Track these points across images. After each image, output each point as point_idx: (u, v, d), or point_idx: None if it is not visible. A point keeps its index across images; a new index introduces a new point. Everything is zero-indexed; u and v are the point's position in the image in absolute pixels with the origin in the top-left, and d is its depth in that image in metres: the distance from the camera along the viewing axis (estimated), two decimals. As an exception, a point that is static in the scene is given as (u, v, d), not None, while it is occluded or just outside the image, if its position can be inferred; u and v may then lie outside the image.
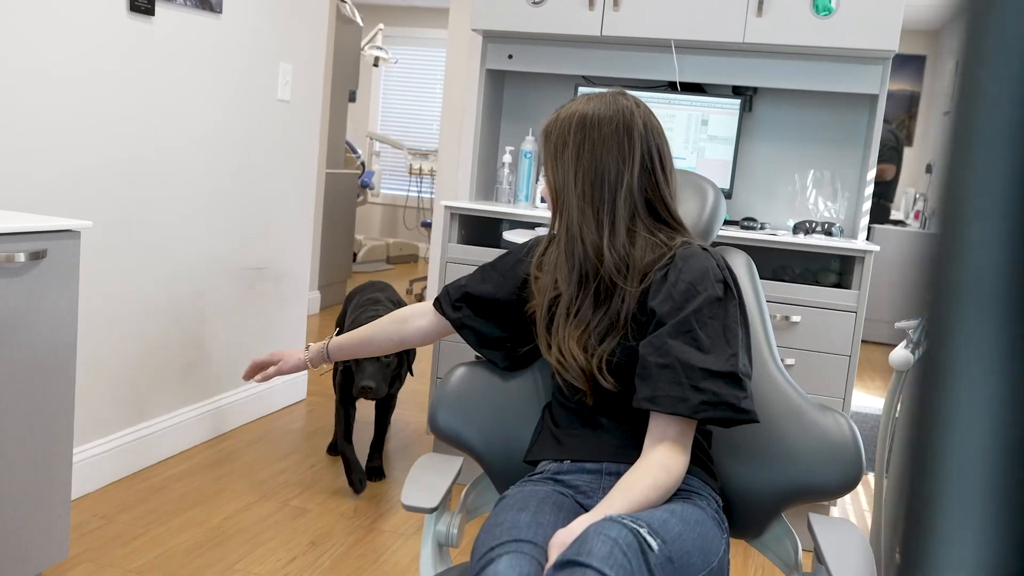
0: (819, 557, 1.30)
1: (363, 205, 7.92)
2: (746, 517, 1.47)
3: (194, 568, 2.15)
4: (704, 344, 1.27)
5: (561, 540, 1.10)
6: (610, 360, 1.34)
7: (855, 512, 2.96)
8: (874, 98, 2.76)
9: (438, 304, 1.57)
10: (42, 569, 1.75)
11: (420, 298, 6.32)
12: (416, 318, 1.61)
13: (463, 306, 1.54)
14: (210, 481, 2.69)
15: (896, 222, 6.47)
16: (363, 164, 7.26)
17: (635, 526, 1.05)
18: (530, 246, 1.57)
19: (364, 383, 2.45)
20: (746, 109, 2.89)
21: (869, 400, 4.52)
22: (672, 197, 1.42)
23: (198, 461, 2.84)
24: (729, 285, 1.33)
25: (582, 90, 2.98)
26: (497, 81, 3.13)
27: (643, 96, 2.88)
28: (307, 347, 1.66)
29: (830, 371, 2.52)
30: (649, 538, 1.05)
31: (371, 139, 8.20)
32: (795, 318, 2.54)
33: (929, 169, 6.75)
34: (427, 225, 6.98)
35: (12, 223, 1.58)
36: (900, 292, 6.12)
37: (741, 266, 1.68)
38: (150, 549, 2.22)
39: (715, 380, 1.25)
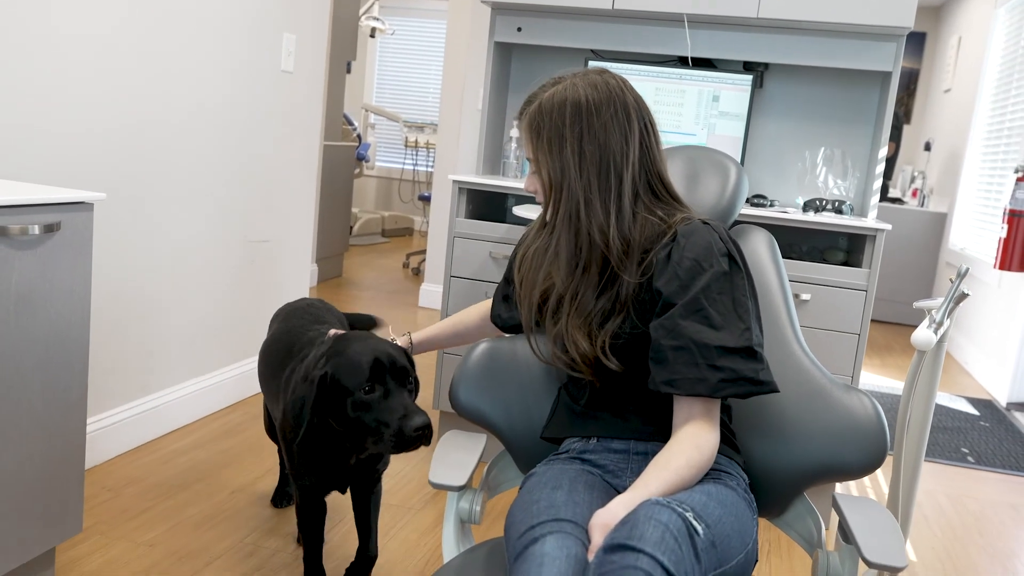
0: (846, 536, 1.30)
1: (359, 178, 7.87)
2: (769, 496, 1.47)
3: (205, 542, 2.14)
4: (716, 321, 1.25)
5: (603, 521, 1.09)
6: (614, 343, 1.33)
7: (857, 491, 2.98)
8: (886, 75, 2.74)
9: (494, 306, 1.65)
10: (57, 543, 1.74)
11: (416, 272, 6.29)
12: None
13: (501, 300, 1.62)
14: (215, 454, 2.68)
15: (893, 200, 6.47)
16: (359, 136, 7.20)
17: (682, 510, 1.04)
18: (532, 230, 1.56)
19: (419, 420, 1.47)
20: (757, 85, 2.87)
21: (868, 378, 4.54)
22: (666, 170, 1.41)
23: (203, 434, 2.83)
24: (734, 257, 1.31)
25: (592, 64, 2.95)
26: (505, 54, 3.09)
27: (654, 71, 2.86)
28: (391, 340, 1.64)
29: (839, 349, 2.53)
30: (695, 523, 1.05)
31: (366, 111, 8.13)
32: (804, 296, 2.54)
33: (928, 147, 6.74)
34: (424, 198, 6.94)
35: (26, 195, 1.55)
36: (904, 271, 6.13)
37: (762, 244, 1.67)
38: (160, 522, 2.21)
39: (732, 357, 1.24)
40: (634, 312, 1.32)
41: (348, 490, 2.24)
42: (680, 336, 1.24)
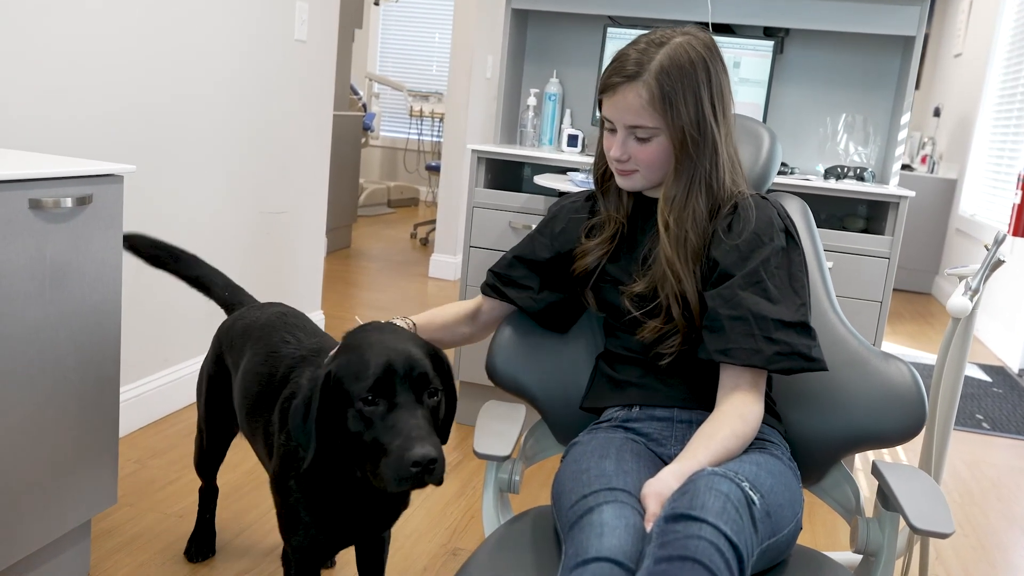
0: (888, 503, 1.31)
1: (364, 148, 7.82)
2: (807, 464, 1.47)
3: (234, 512, 2.16)
4: (773, 295, 1.26)
5: (655, 490, 1.09)
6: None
7: (874, 459, 3.00)
8: (908, 40, 2.71)
9: (492, 291, 1.50)
10: (92, 515, 1.75)
11: (424, 242, 6.28)
12: (478, 316, 1.52)
13: (516, 286, 1.48)
14: (238, 426, 2.69)
15: (902, 166, 6.44)
16: (364, 106, 7.15)
17: (739, 480, 1.05)
18: (576, 203, 1.51)
19: (420, 451, 1.09)
20: (778, 51, 2.84)
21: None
22: None
23: (224, 406, 2.83)
24: (792, 234, 1.34)
25: (612, 30, 2.91)
26: (520, 21, 3.06)
27: (673, 37, 2.83)
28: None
29: (862, 317, 2.52)
30: (751, 493, 1.05)
31: (370, 80, 8.07)
32: (827, 264, 2.53)
33: (937, 112, 6.70)
34: (432, 168, 6.91)
35: (58, 167, 1.54)
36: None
37: (797, 212, 1.67)
38: (188, 493, 2.22)
39: (787, 330, 1.25)
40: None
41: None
42: (738, 306, 1.25)
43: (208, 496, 1.96)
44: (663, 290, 1.31)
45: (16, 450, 1.52)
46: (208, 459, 1.89)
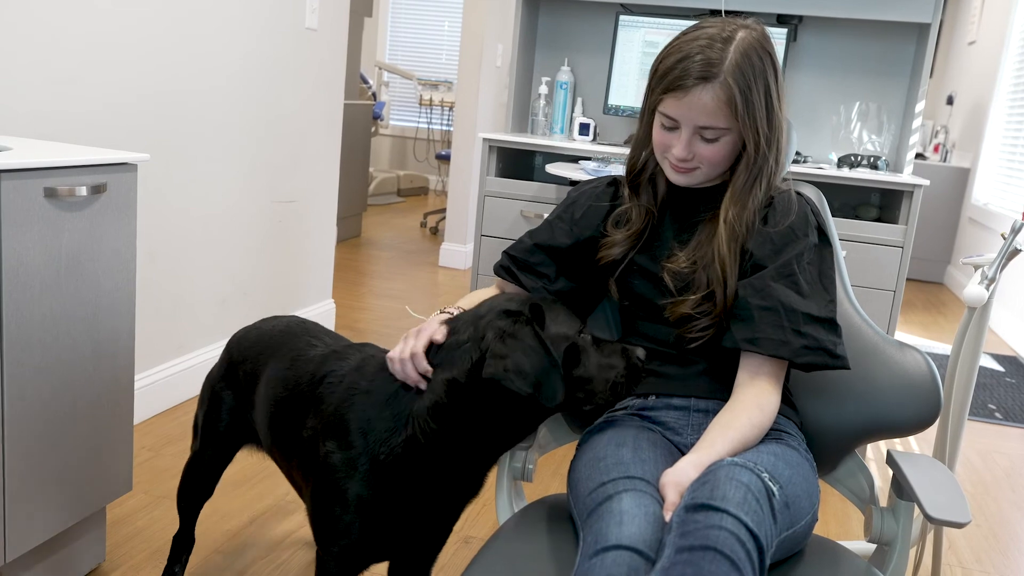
0: (903, 492, 1.30)
1: (374, 137, 7.82)
2: (821, 453, 1.47)
3: (248, 500, 2.17)
4: (804, 289, 1.27)
5: (674, 480, 1.09)
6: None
7: (885, 448, 2.99)
8: (923, 27, 2.69)
9: (506, 273, 1.44)
10: (108, 502, 1.76)
11: (434, 231, 6.28)
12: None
13: (532, 272, 1.42)
14: (251, 414, 2.69)
15: (915, 155, 6.40)
16: (374, 95, 7.14)
17: (759, 471, 1.05)
18: (597, 188, 1.48)
19: (641, 350, 1.24)
20: (791, 39, 2.82)
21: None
22: None
23: (236, 394, 2.84)
24: (824, 230, 1.35)
25: (624, 18, 2.89)
26: (532, 8, 3.04)
27: (686, 24, 2.81)
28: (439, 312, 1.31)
29: (875, 306, 2.52)
30: (771, 484, 1.05)
31: (380, 69, 8.05)
32: (841, 253, 2.52)
33: (950, 101, 6.65)
34: (442, 157, 6.90)
35: (73, 156, 1.54)
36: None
37: (812, 201, 1.66)
38: (201, 481, 2.24)
39: (816, 325, 1.26)
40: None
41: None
42: (769, 297, 1.25)
43: (183, 543, 1.71)
44: (706, 273, 1.29)
45: (32, 438, 1.53)
46: (198, 487, 1.67)
